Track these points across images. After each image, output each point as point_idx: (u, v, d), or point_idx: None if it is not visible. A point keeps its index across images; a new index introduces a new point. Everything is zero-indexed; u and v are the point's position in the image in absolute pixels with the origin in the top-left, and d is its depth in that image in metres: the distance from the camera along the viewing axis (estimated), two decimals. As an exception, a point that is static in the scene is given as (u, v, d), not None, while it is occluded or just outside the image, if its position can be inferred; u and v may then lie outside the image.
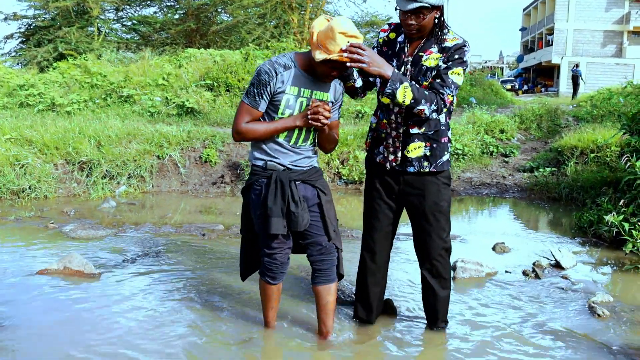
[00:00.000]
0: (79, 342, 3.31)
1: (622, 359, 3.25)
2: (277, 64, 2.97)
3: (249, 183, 3.24)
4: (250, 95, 3.00)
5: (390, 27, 3.31)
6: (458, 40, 3.11)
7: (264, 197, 3.09)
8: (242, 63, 13.46)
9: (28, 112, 12.03)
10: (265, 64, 2.98)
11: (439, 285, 3.44)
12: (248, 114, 3.03)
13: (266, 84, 2.95)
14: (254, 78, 2.98)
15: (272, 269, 3.20)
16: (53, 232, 6.04)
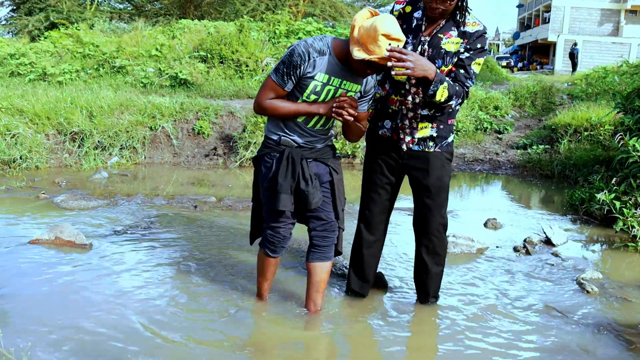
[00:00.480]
0: (68, 311, 3.31)
1: (610, 335, 3.29)
2: (312, 47, 2.86)
3: (260, 154, 3.20)
4: (279, 73, 2.91)
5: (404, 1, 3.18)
6: (479, 27, 3.04)
7: (275, 173, 3.05)
8: (237, 35, 13.30)
9: (19, 81, 11.87)
10: (300, 44, 2.87)
11: (433, 261, 3.45)
12: (273, 91, 2.96)
13: (297, 67, 2.85)
14: (285, 57, 2.88)
15: (274, 242, 3.18)
16: (44, 203, 6.01)
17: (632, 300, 3.82)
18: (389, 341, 3.18)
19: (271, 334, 3.19)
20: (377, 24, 2.70)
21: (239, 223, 5.41)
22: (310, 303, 3.34)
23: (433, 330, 3.37)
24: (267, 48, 13.56)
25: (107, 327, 3.13)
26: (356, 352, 3.12)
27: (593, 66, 19.11)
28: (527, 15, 48.28)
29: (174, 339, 3.01)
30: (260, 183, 3.20)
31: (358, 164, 9.22)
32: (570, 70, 29.29)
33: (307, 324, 3.29)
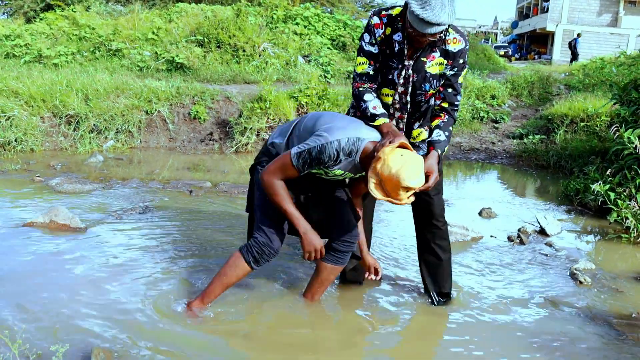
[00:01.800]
0: (62, 294, 3.31)
1: (601, 325, 3.31)
2: (344, 151, 2.74)
3: (259, 161, 3.12)
4: (301, 160, 2.75)
5: (382, 21, 2.99)
6: (461, 44, 2.98)
7: None
8: (234, 19, 13.22)
9: (14, 63, 11.79)
10: (332, 145, 2.71)
11: (441, 248, 3.45)
12: (289, 172, 2.82)
13: (322, 163, 2.77)
14: (315, 150, 2.72)
15: (264, 255, 3.00)
16: (39, 186, 5.99)
17: (624, 291, 3.85)
18: (383, 335, 3.20)
19: (267, 321, 3.20)
20: (401, 175, 2.59)
21: (234, 208, 5.41)
22: (309, 294, 3.34)
23: (422, 320, 3.38)
24: (264, 33, 13.49)
25: (100, 311, 3.14)
26: (352, 338, 3.14)
27: (591, 57, 19.08)
28: (525, 4, 48.07)
29: (166, 322, 3.02)
30: (257, 191, 3.08)
31: (354, 151, 9.20)
32: (567, 61, 29.22)
33: (306, 314, 3.30)
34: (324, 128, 2.80)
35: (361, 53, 3.07)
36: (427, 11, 2.65)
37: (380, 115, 2.95)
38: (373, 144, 2.78)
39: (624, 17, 38.95)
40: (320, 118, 2.93)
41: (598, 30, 37.28)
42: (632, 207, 5.08)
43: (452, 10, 2.70)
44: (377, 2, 28.75)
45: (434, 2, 2.65)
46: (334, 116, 2.95)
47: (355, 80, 3.11)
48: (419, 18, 2.68)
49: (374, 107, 2.98)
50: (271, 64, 12.43)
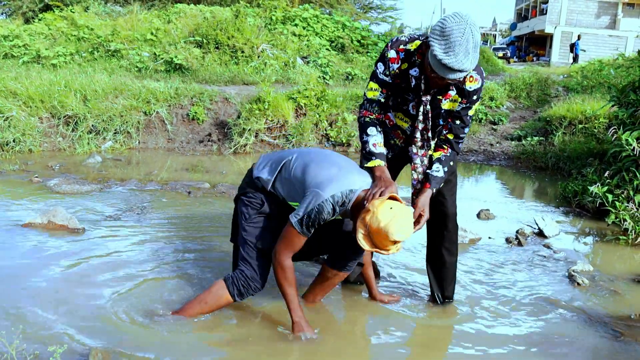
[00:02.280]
0: (59, 294, 3.31)
1: (599, 326, 3.31)
2: (338, 204, 2.75)
3: (244, 192, 3.09)
4: (304, 226, 2.75)
5: (399, 56, 2.89)
6: (477, 83, 2.90)
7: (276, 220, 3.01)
8: (233, 20, 13.22)
9: (12, 63, 11.78)
10: (328, 202, 2.71)
11: (449, 251, 3.44)
12: (299, 242, 2.84)
13: (324, 220, 2.78)
14: (313, 212, 2.72)
15: (249, 290, 2.99)
16: (37, 186, 5.99)
17: (622, 292, 3.85)
18: (383, 335, 3.20)
19: (266, 324, 3.19)
20: (390, 229, 2.60)
21: (232, 209, 5.38)
22: (311, 296, 3.34)
23: (420, 320, 3.38)
24: (263, 34, 13.49)
25: (98, 311, 3.14)
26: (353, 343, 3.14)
27: (589, 59, 19.10)
28: (524, 6, 48.16)
29: (165, 324, 3.02)
30: (245, 219, 3.05)
31: (353, 152, 9.21)
32: (566, 62, 29.27)
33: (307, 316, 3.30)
34: (316, 183, 2.75)
35: (374, 79, 2.99)
36: (451, 57, 2.54)
37: (377, 156, 2.93)
38: (364, 192, 2.79)
39: (622, 20, 39.05)
40: (309, 166, 2.84)
41: (596, 33, 37.37)
42: (630, 209, 5.09)
43: (476, 55, 2.60)
44: (375, 3, 28.79)
45: (458, 49, 2.53)
46: (322, 160, 2.87)
47: (364, 106, 3.05)
48: (441, 63, 2.57)
49: (374, 144, 2.95)
50: (270, 65, 12.43)
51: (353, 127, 9.53)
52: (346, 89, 11.18)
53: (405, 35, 2.92)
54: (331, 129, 9.43)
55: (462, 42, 2.53)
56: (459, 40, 2.52)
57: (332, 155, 2.98)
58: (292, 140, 9.02)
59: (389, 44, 2.93)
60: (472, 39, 2.55)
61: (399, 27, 46.07)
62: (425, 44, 2.73)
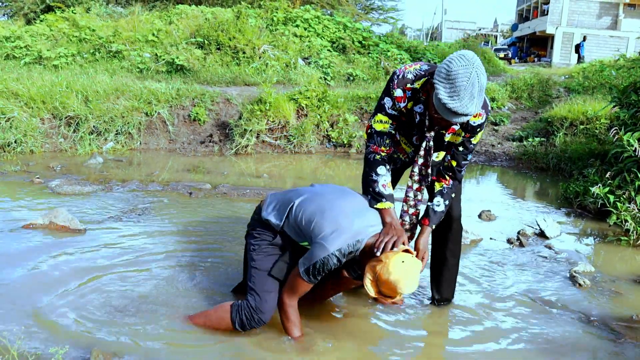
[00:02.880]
0: (61, 295, 3.31)
1: (601, 327, 3.31)
2: (345, 256, 2.72)
3: (254, 228, 3.07)
4: (312, 275, 2.74)
5: (405, 95, 2.84)
6: (481, 118, 2.87)
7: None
8: (234, 21, 13.23)
9: (14, 64, 11.79)
10: (334, 256, 2.68)
11: (452, 253, 3.44)
12: (305, 288, 2.83)
13: (330, 270, 2.76)
14: (319, 263, 2.69)
15: (252, 322, 2.93)
16: (39, 187, 5.99)
17: (624, 293, 3.85)
18: (381, 335, 3.20)
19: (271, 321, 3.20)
20: (400, 283, 2.62)
21: (233, 210, 5.41)
22: (319, 295, 3.31)
23: (421, 322, 3.38)
24: (264, 35, 13.50)
25: (99, 312, 3.14)
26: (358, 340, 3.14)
27: (590, 59, 19.10)
28: (525, 7, 48.12)
29: (165, 326, 3.02)
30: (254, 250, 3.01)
31: (354, 153, 9.22)
32: (567, 63, 29.25)
33: (312, 313, 3.30)
34: (322, 236, 2.72)
35: (382, 111, 2.93)
36: (455, 101, 2.51)
37: (387, 198, 2.90)
38: (374, 238, 2.77)
39: (624, 20, 39.03)
40: (315, 215, 2.80)
41: (598, 33, 37.35)
42: (632, 209, 5.08)
43: (481, 99, 2.57)
44: (376, 4, 28.80)
45: (463, 93, 2.49)
46: (328, 208, 2.81)
47: (373, 139, 2.97)
48: (445, 107, 2.54)
49: (383, 185, 2.92)
50: (271, 66, 12.44)
51: (354, 128, 9.53)
52: (347, 89, 11.18)
53: (410, 70, 2.83)
54: (332, 129, 9.43)
55: (467, 86, 2.49)
56: (465, 85, 2.49)
57: (338, 199, 2.90)
58: (293, 141, 9.02)
59: (395, 80, 2.84)
60: (477, 83, 2.51)
61: (400, 27, 46.10)
62: (430, 83, 2.69)
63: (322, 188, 3.03)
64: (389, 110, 2.91)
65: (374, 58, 14.32)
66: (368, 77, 13.11)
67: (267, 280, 2.94)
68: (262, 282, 2.94)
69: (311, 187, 3.07)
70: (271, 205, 3.02)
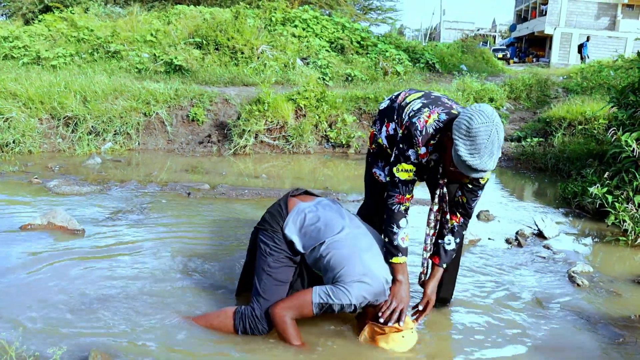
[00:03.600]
0: (59, 296, 3.31)
1: (599, 327, 3.31)
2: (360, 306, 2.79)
3: (264, 227, 3.02)
4: (322, 309, 2.77)
5: (428, 150, 2.82)
6: (489, 176, 2.93)
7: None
8: (232, 21, 13.23)
9: (12, 64, 11.79)
10: (352, 303, 2.74)
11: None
12: (305, 314, 2.83)
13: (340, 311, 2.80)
14: (337, 306, 2.74)
15: (255, 330, 2.92)
16: (37, 187, 5.99)
17: (622, 293, 3.85)
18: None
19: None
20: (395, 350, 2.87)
21: (232, 211, 5.41)
22: None
23: (420, 322, 3.38)
24: (262, 35, 13.50)
25: (97, 313, 3.13)
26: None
27: (589, 60, 19.12)
28: (524, 7, 48.17)
29: (165, 326, 3.02)
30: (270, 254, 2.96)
31: (352, 153, 9.22)
32: (566, 63, 29.29)
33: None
34: (349, 285, 2.73)
35: (408, 161, 2.87)
36: (475, 159, 2.53)
37: (402, 252, 2.90)
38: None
39: (622, 21, 39.09)
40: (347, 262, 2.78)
41: (596, 34, 37.38)
42: (630, 210, 5.09)
43: (499, 154, 2.59)
44: (375, 4, 28.82)
45: (484, 151, 2.51)
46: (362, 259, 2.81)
47: (398, 188, 2.91)
48: (465, 164, 2.55)
49: (402, 239, 2.90)
50: (269, 67, 12.44)
51: (353, 129, 9.53)
52: (346, 90, 11.18)
53: (431, 123, 2.78)
54: (331, 130, 9.43)
55: (487, 144, 2.51)
56: (485, 142, 2.51)
57: (369, 250, 2.90)
58: (291, 141, 9.02)
59: (418, 136, 2.78)
60: (497, 141, 2.53)
61: (398, 28, 46.11)
62: (448, 136, 2.70)
63: (354, 232, 2.96)
64: (414, 160, 2.87)
65: (372, 58, 14.33)
66: (366, 78, 13.12)
67: (278, 290, 2.92)
68: (273, 291, 2.91)
69: (342, 222, 2.96)
70: (297, 223, 2.96)
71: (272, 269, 2.92)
